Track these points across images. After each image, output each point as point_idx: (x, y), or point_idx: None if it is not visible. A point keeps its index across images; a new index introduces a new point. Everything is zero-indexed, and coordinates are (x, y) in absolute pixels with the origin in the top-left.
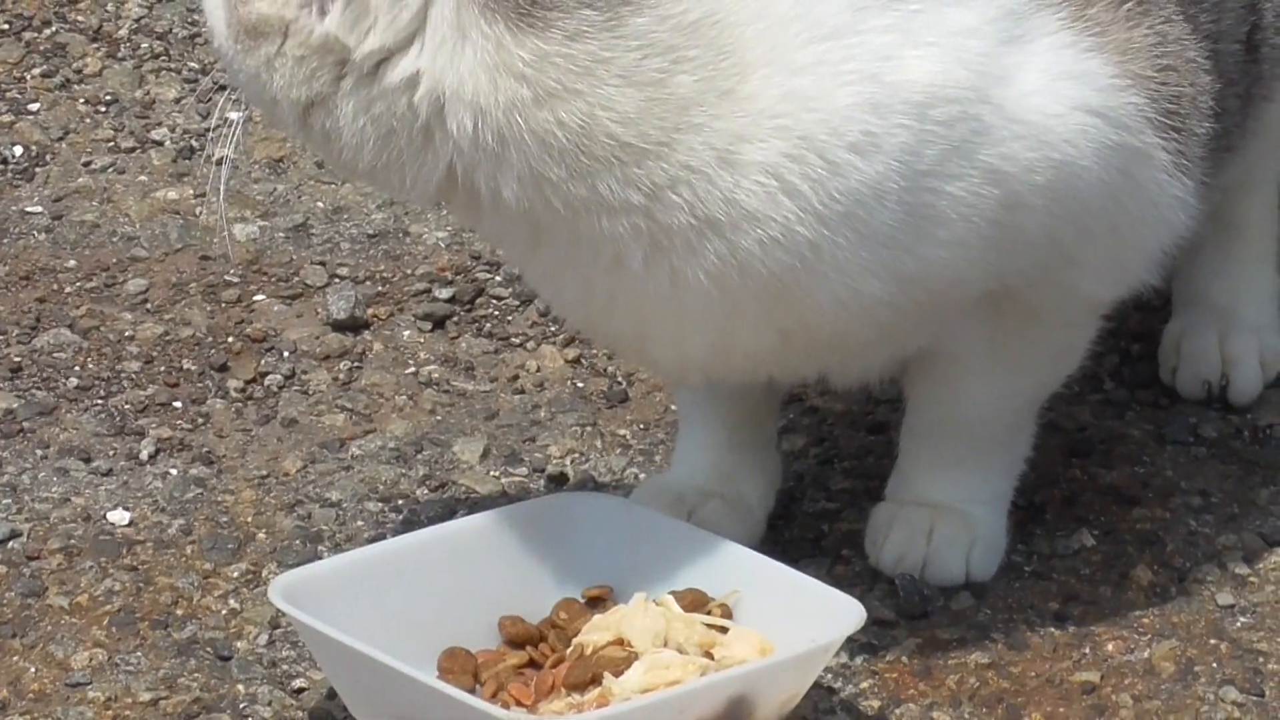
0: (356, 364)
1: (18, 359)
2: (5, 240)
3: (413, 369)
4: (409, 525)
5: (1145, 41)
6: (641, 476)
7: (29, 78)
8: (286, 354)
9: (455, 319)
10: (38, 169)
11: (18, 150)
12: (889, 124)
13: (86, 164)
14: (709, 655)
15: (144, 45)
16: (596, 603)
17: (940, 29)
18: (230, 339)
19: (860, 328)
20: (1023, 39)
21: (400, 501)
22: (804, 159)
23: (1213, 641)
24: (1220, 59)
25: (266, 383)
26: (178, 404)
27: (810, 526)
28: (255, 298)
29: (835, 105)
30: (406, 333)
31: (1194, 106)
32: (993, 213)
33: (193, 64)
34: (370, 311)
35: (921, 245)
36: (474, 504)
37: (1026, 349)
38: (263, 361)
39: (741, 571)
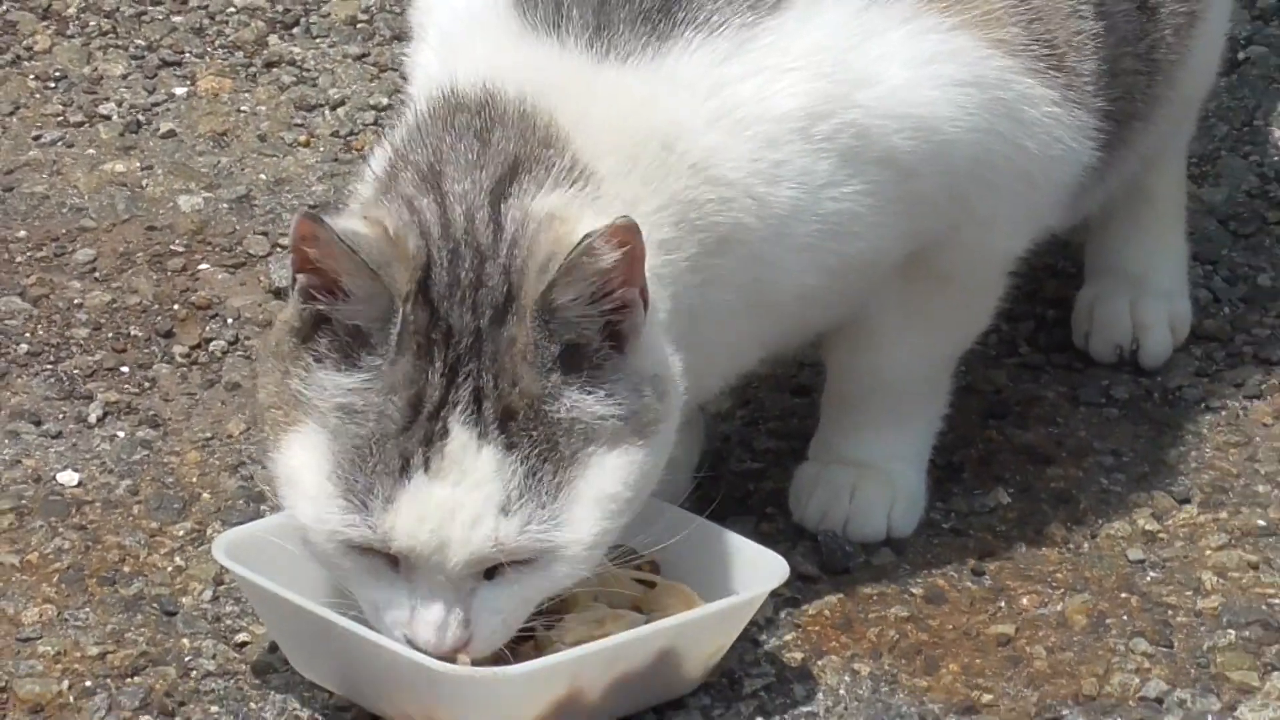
0: None
1: None
2: None
3: None
4: None
5: (1006, 4)
6: None
7: None
8: (230, 321)
9: None
10: None
11: None
12: (784, 154)
13: (36, 138)
14: (638, 609)
15: (92, 23)
16: None
17: (793, 54)
18: (176, 306)
19: (813, 313)
20: (879, 34)
21: None
22: (738, 201)
23: (1123, 595)
24: (1110, 17)
25: (211, 348)
26: (125, 369)
27: (737, 485)
28: (200, 267)
29: (741, 152)
30: None
31: (1071, 46)
32: (893, 190)
33: (139, 41)
34: None
35: (841, 242)
36: None
37: (939, 311)
38: (207, 328)
39: (670, 528)
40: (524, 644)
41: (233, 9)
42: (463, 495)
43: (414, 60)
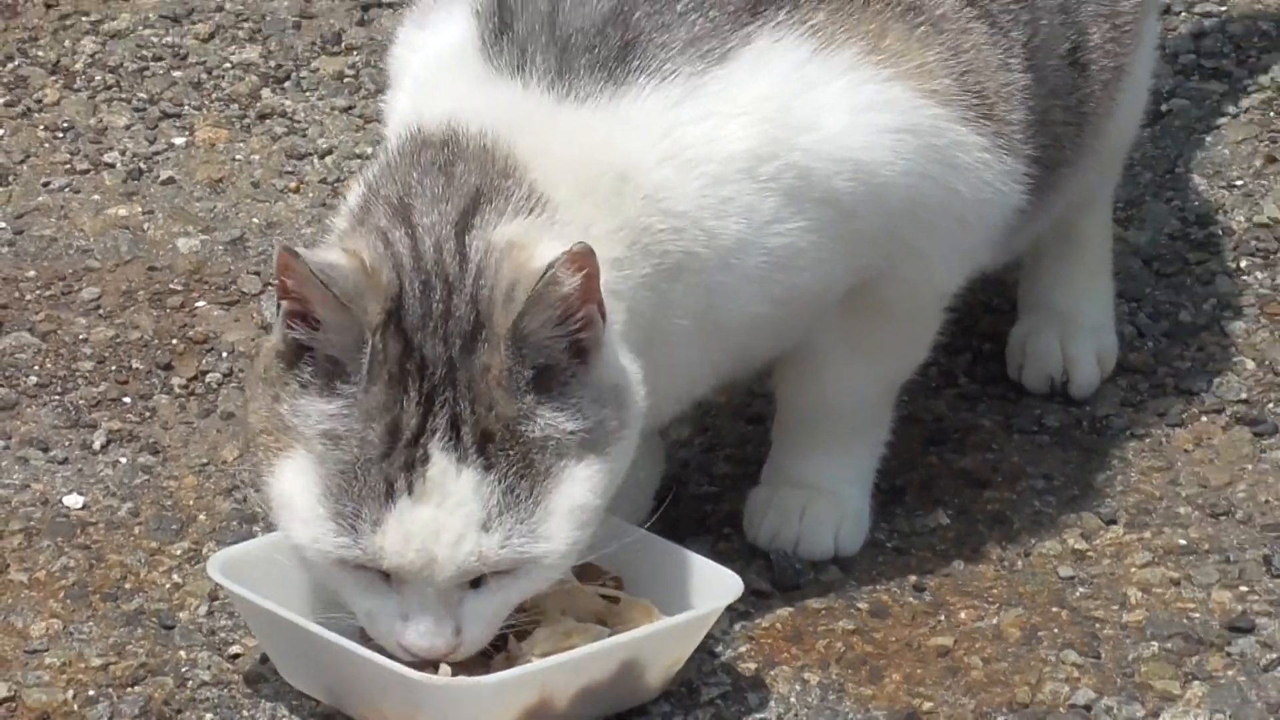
0: None
1: None
2: None
3: None
4: None
5: (939, 58)
6: None
7: None
8: (225, 354)
9: None
10: (1, 189)
11: None
12: (731, 191)
13: (45, 184)
14: (603, 623)
15: (98, 77)
16: None
17: (740, 101)
18: (174, 341)
19: (762, 341)
20: (821, 85)
21: None
22: (689, 232)
23: (1054, 610)
24: (1041, 70)
25: (207, 380)
26: (127, 399)
27: (695, 507)
28: (197, 304)
29: (691, 189)
30: None
31: (1000, 97)
32: (834, 228)
33: (142, 94)
34: None
35: (787, 274)
36: None
37: (881, 343)
38: (204, 361)
39: (632, 547)
40: (497, 655)
41: (229, 64)
42: (445, 516)
43: (390, 106)
